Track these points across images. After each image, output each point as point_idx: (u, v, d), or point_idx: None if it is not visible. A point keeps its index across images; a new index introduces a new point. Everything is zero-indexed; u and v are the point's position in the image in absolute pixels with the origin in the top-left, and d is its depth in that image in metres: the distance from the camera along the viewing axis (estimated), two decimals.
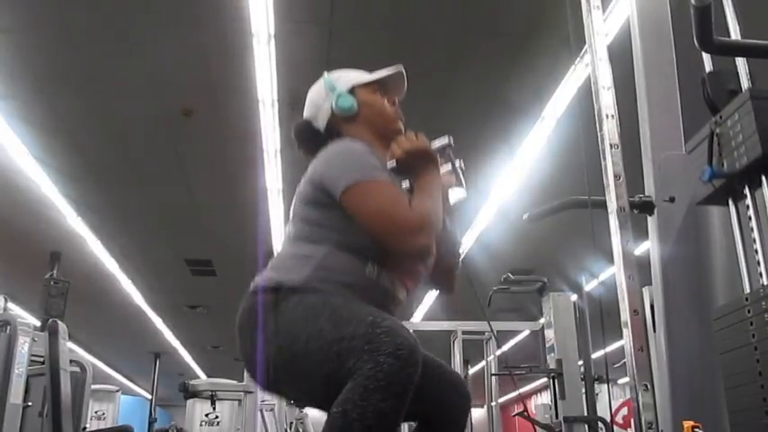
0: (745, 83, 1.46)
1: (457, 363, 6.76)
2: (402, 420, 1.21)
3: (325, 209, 1.40)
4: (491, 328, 4.63)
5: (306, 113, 1.62)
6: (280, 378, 1.33)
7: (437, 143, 1.52)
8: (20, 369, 3.24)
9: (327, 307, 1.29)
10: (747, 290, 1.34)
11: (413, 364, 1.16)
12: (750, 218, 1.36)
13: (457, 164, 1.55)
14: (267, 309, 1.33)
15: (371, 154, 1.44)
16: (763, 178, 1.33)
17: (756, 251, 1.34)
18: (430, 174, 1.44)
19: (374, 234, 1.34)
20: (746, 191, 1.38)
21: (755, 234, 1.35)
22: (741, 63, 1.49)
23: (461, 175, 1.55)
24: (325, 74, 1.63)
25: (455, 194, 1.54)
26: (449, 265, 1.58)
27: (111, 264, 7.88)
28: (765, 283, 1.29)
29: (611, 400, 4.63)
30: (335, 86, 1.57)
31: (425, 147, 1.46)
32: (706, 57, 1.60)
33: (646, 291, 1.77)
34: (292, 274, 1.36)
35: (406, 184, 1.49)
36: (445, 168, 1.55)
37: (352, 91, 1.57)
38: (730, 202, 1.45)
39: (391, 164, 1.46)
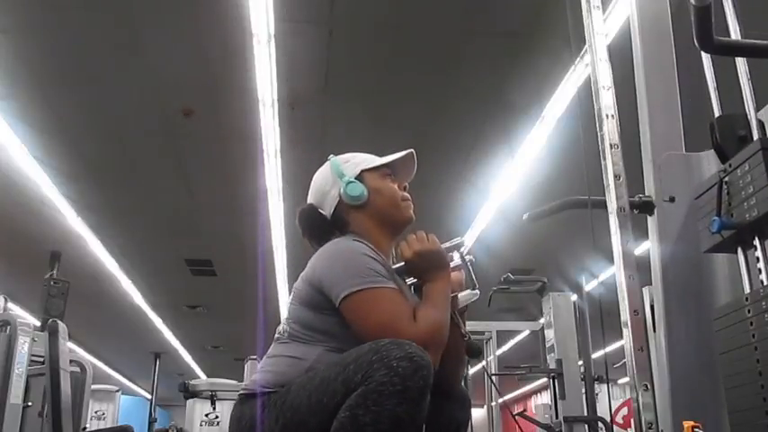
0: (755, 130, 1.41)
1: None
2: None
3: (323, 314, 1.34)
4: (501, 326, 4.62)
5: (311, 198, 1.56)
6: None
7: (448, 244, 1.45)
8: (20, 369, 3.24)
9: (318, 372, 1.24)
10: (747, 290, 1.34)
11: (426, 367, 1.13)
12: (760, 270, 1.32)
13: (468, 264, 1.48)
14: (266, 411, 1.27)
15: (375, 257, 1.36)
16: None
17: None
18: (439, 279, 1.37)
19: None
20: (756, 241, 1.34)
21: (765, 282, 1.30)
22: (751, 108, 1.44)
23: (473, 276, 1.47)
24: (332, 157, 1.57)
25: (466, 296, 1.46)
26: (453, 367, 1.46)
27: (111, 264, 7.87)
28: (765, 283, 1.29)
29: (611, 400, 4.64)
30: (344, 173, 1.51)
31: (436, 249, 1.40)
32: (706, 56, 1.60)
33: (646, 291, 1.77)
34: (288, 377, 1.31)
35: (411, 279, 1.44)
36: (455, 262, 1.47)
37: (360, 176, 1.50)
38: (739, 251, 1.40)
39: (399, 265, 1.41)
